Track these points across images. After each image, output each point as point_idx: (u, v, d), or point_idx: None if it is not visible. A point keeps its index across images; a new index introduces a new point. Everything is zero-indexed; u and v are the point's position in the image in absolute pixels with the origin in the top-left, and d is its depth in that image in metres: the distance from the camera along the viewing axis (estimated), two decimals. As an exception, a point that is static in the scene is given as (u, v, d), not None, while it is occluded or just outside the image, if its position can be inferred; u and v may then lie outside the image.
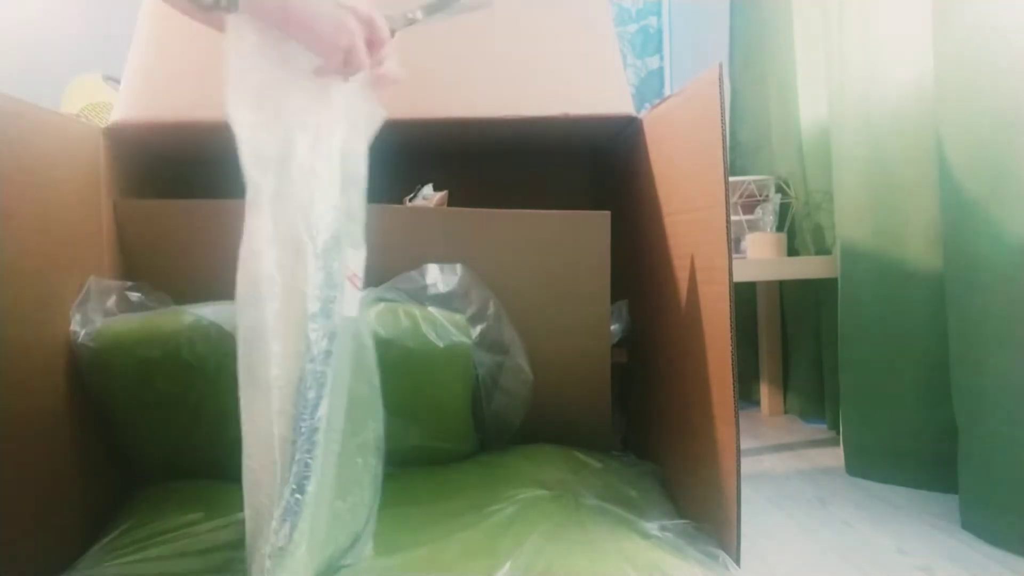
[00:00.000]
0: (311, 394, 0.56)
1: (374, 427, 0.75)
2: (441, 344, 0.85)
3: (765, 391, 1.60)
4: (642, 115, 0.98)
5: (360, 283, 0.68)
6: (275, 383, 0.55)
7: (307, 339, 0.57)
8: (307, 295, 0.58)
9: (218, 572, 0.67)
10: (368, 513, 0.73)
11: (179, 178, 1.12)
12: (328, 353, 0.58)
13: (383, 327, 0.81)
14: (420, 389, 0.86)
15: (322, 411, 0.57)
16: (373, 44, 0.66)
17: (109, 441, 0.83)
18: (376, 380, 0.77)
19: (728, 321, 0.72)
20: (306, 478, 0.55)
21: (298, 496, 0.55)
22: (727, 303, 0.72)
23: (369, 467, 0.74)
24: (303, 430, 0.55)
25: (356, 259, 0.68)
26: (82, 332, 0.76)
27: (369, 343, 0.76)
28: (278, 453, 0.55)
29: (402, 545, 0.72)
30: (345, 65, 0.64)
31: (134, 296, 0.85)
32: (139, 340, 0.77)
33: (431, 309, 0.86)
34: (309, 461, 0.55)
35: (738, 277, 1.26)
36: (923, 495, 1.04)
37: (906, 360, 1.07)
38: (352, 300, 0.66)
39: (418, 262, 0.88)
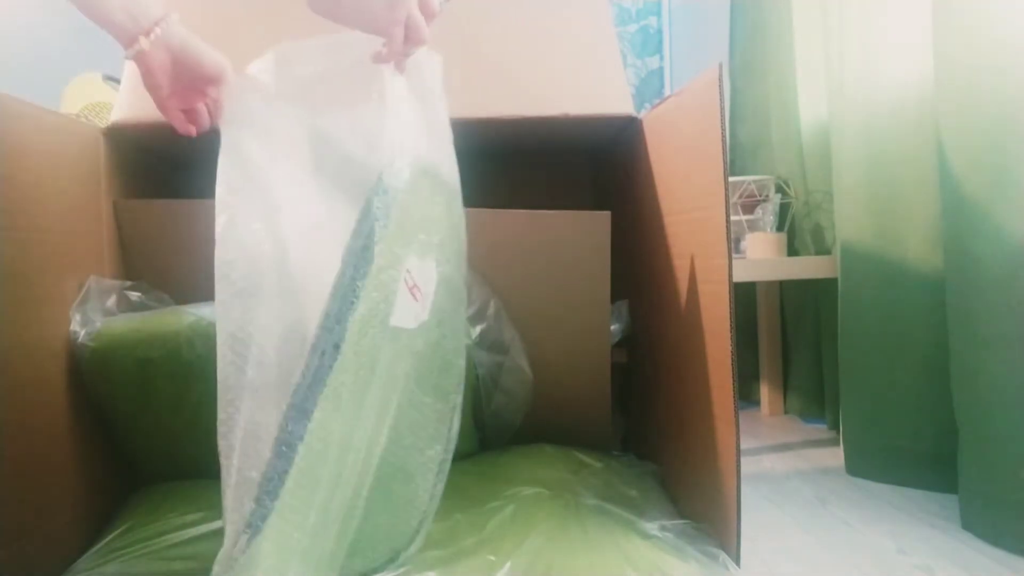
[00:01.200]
0: (285, 405, 0.54)
1: (444, 448, 0.74)
2: (441, 344, 0.85)
3: (765, 391, 1.60)
4: (642, 115, 0.98)
5: (422, 296, 0.66)
6: (235, 390, 0.54)
7: (289, 351, 0.55)
8: (301, 305, 0.57)
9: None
10: (413, 534, 0.72)
11: (179, 178, 1.12)
12: (321, 367, 0.55)
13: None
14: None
15: (306, 425, 0.55)
16: (426, 16, 0.64)
17: (109, 441, 0.83)
18: (457, 399, 0.75)
19: (728, 321, 0.72)
20: (268, 492, 0.53)
21: (259, 508, 0.52)
22: (727, 303, 0.72)
23: (427, 486, 0.73)
24: (276, 443, 0.54)
25: (421, 269, 0.65)
26: (82, 332, 0.76)
27: (458, 362, 0.75)
28: (238, 461, 0.54)
29: (402, 545, 0.72)
30: (406, 42, 0.62)
31: (134, 296, 0.85)
32: (139, 340, 0.77)
33: (431, 309, 0.86)
34: (274, 476, 0.53)
35: (738, 277, 1.26)
36: (923, 495, 1.04)
37: (906, 360, 1.07)
38: (407, 311, 0.64)
39: (418, 262, 0.88)
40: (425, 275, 0.67)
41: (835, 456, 1.24)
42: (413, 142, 0.65)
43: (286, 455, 0.53)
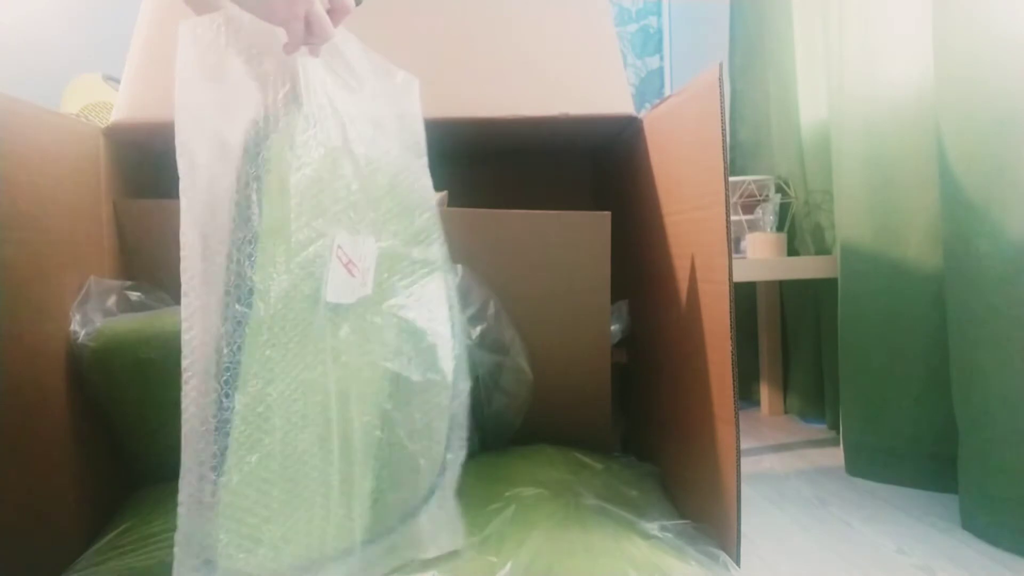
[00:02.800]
0: (214, 385, 0.55)
1: (446, 423, 0.73)
2: (441, 344, 0.85)
3: (765, 391, 1.60)
4: (642, 115, 0.98)
5: (359, 272, 0.67)
6: (184, 374, 0.56)
7: (214, 330, 0.56)
8: (218, 282, 0.58)
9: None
10: (427, 495, 0.72)
11: (179, 178, 1.12)
12: (240, 343, 0.57)
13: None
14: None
15: (233, 403, 0.56)
16: (336, 12, 0.66)
17: (109, 441, 0.82)
18: (447, 365, 0.74)
19: (728, 321, 0.72)
20: (213, 468, 0.54)
21: (206, 484, 0.54)
22: (727, 303, 0.72)
23: (433, 456, 0.73)
24: (215, 420, 0.55)
25: (354, 245, 0.66)
26: (82, 332, 0.76)
27: (437, 328, 0.74)
28: (184, 443, 0.55)
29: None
30: (308, 36, 0.63)
31: (134, 296, 0.85)
32: (139, 340, 0.77)
33: (431, 309, 0.86)
34: (217, 452, 0.55)
35: (738, 277, 1.26)
36: (923, 495, 1.04)
37: (906, 360, 1.07)
38: (345, 287, 0.65)
39: (418, 262, 0.88)
40: (360, 251, 0.67)
41: (835, 456, 1.25)
42: (331, 122, 0.66)
43: (223, 430, 0.55)
